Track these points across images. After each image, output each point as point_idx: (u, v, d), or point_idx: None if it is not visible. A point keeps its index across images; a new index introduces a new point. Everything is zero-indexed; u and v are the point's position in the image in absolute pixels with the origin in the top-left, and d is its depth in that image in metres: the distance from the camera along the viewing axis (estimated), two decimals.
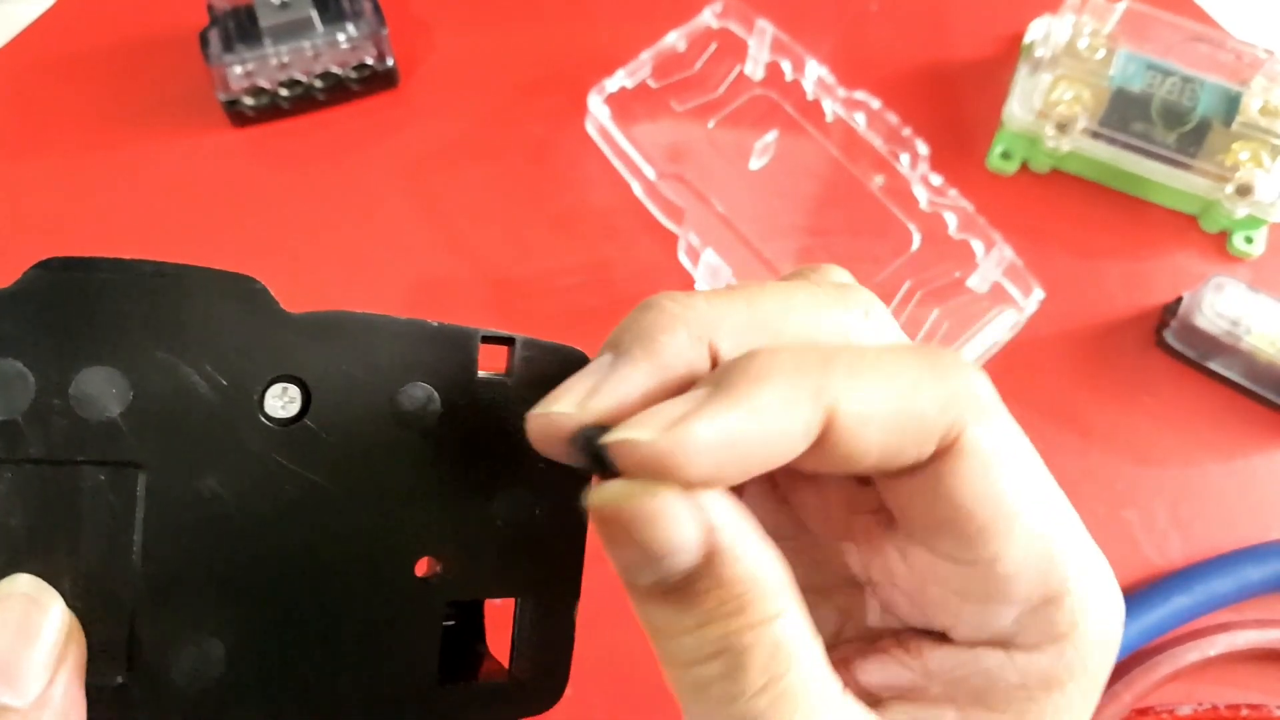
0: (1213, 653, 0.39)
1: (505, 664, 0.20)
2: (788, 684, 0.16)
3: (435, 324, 0.19)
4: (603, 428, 0.16)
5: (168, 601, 0.17)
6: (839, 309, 0.17)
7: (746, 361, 0.15)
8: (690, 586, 0.15)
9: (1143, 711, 0.39)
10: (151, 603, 0.17)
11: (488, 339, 0.19)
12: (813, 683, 0.16)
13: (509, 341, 0.19)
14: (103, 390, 0.17)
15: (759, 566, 0.16)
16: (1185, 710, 0.39)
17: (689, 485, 0.15)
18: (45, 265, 0.17)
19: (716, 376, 0.16)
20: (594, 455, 0.16)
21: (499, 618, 0.21)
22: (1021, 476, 0.17)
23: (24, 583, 0.16)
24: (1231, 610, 0.41)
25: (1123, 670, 0.39)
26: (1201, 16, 0.54)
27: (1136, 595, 0.40)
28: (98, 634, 0.17)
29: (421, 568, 0.19)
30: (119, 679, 0.17)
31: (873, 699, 0.18)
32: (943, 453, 0.16)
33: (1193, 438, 0.44)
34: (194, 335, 0.17)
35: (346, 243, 0.47)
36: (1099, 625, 0.17)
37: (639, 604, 0.16)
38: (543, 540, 0.20)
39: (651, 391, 0.16)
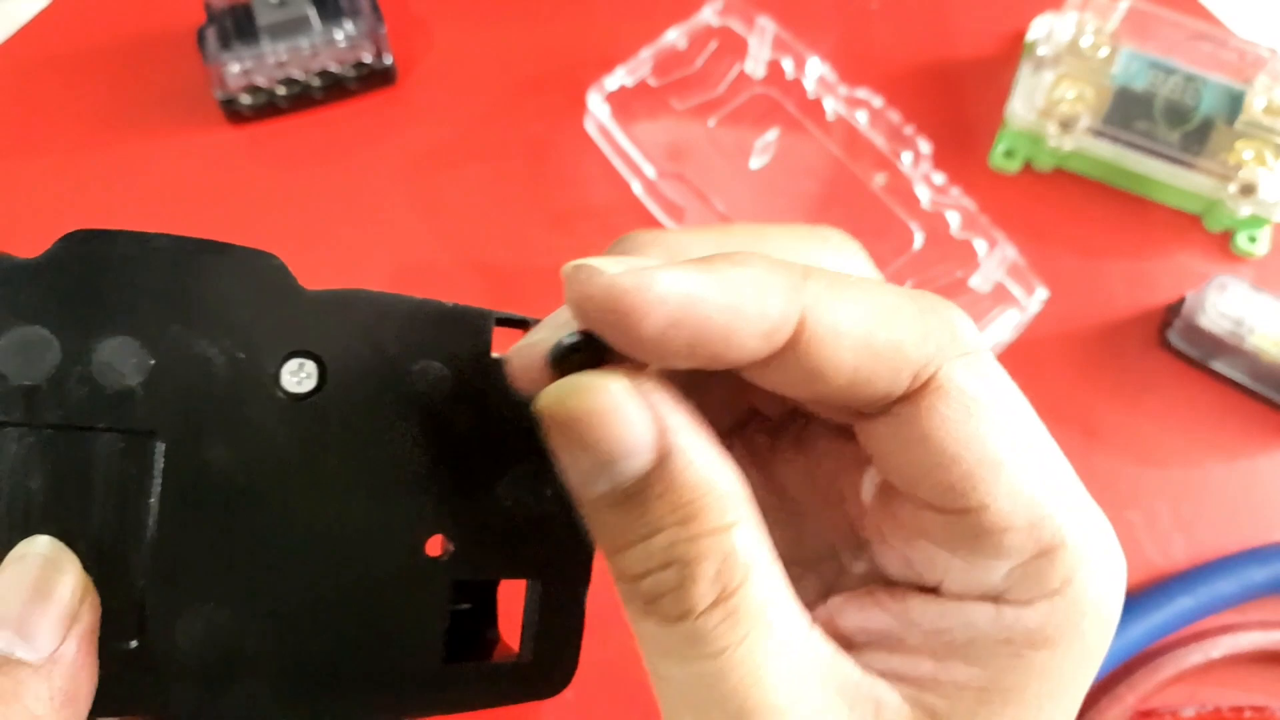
0: (1216, 654, 0.39)
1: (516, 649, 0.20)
2: (741, 600, 0.15)
3: (450, 304, 0.19)
4: (573, 339, 0.16)
5: (179, 569, 0.18)
6: (813, 244, 0.17)
7: (729, 252, 0.15)
8: (642, 492, 0.15)
9: (1146, 713, 0.39)
10: (164, 569, 0.17)
11: (502, 321, 0.19)
12: (771, 605, 0.15)
13: (523, 324, 0.20)
14: (123, 360, 0.17)
15: (713, 473, 0.15)
16: (1188, 712, 0.39)
17: (642, 346, 0.15)
18: (71, 237, 0.17)
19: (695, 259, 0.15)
20: (559, 358, 0.16)
21: (516, 607, 0.21)
22: (1008, 422, 0.16)
23: (42, 543, 0.17)
24: (1235, 612, 0.41)
25: (1126, 672, 0.39)
26: (1204, 15, 0.53)
27: (1140, 596, 0.40)
28: (111, 598, 0.17)
29: (433, 547, 0.19)
30: (131, 643, 0.17)
31: (848, 643, 0.17)
32: (920, 391, 0.16)
33: (1196, 438, 0.44)
34: (213, 309, 0.18)
35: (344, 241, 0.46)
36: (1095, 584, 0.16)
37: (590, 516, 0.16)
38: (553, 523, 0.20)
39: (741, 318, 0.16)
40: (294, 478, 0.18)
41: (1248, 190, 0.45)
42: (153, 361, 0.17)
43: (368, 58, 0.48)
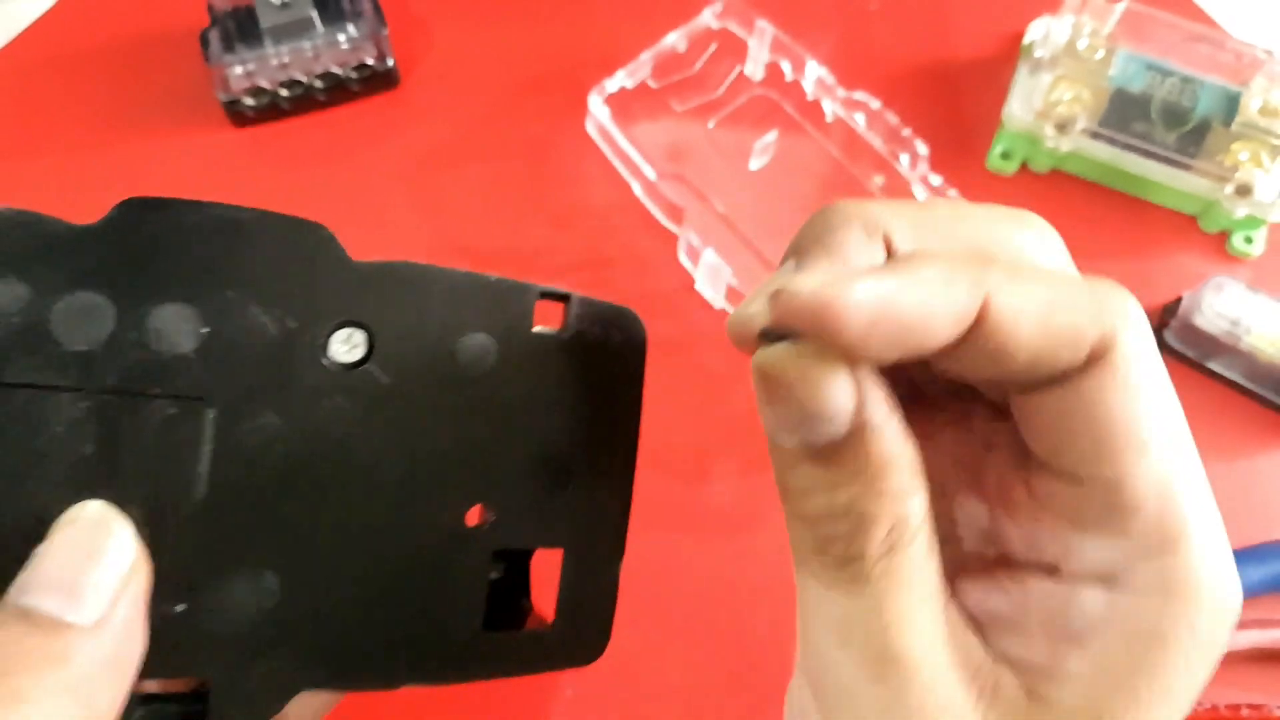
0: None
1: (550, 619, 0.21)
2: (904, 558, 0.16)
3: (494, 277, 0.20)
4: (781, 334, 0.17)
5: (228, 533, 0.18)
6: (1011, 225, 0.18)
7: (911, 254, 0.16)
8: (834, 453, 0.16)
9: None
10: (213, 533, 0.18)
11: (544, 294, 0.20)
12: (926, 570, 0.17)
13: (564, 298, 0.20)
14: (177, 326, 0.17)
15: (899, 449, 0.17)
16: None
17: (843, 345, 0.16)
18: (127, 204, 0.17)
19: (882, 265, 0.17)
20: (771, 339, 0.17)
21: (548, 579, 0.21)
22: (1158, 405, 0.17)
23: (94, 508, 0.17)
24: None
25: None
26: (1201, 17, 0.54)
27: None
28: (161, 562, 0.17)
29: (473, 516, 0.20)
30: (178, 607, 0.18)
31: (972, 623, 0.18)
32: (1093, 361, 0.17)
33: (1193, 438, 0.44)
34: (265, 277, 0.18)
35: (346, 243, 0.47)
36: (1214, 586, 0.17)
37: (779, 461, 0.17)
38: (590, 495, 0.20)
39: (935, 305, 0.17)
40: (341, 445, 0.18)
41: (1244, 191, 0.45)
42: (205, 329, 0.17)
43: (370, 60, 0.48)
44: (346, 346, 0.18)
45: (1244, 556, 0.42)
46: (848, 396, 0.16)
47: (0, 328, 0.16)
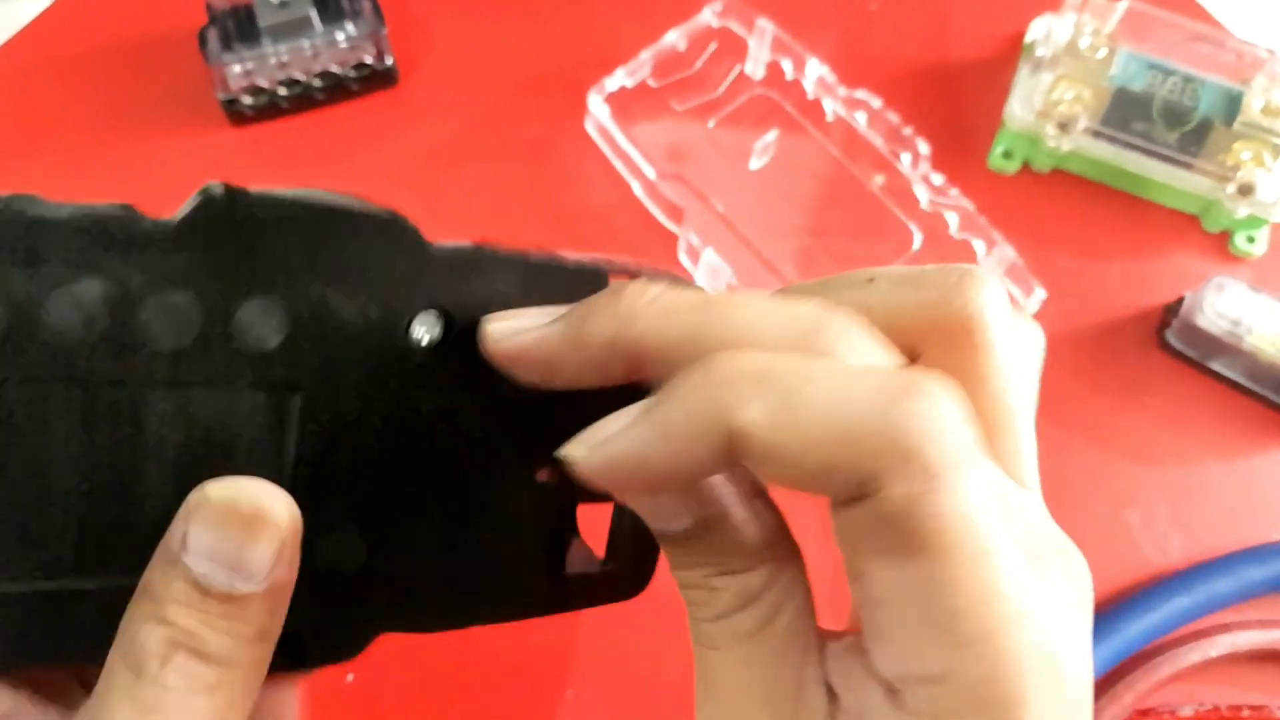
0: (1214, 653, 0.39)
1: (595, 550, 0.22)
2: (735, 622, 0.18)
3: (569, 259, 0.20)
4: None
5: (316, 504, 0.19)
6: (916, 291, 0.17)
7: (675, 381, 0.16)
8: (686, 541, 0.18)
9: (1144, 712, 0.39)
10: (303, 505, 0.18)
11: (615, 273, 0.21)
12: (756, 635, 0.18)
13: (633, 277, 0.21)
14: (263, 320, 0.18)
15: (743, 531, 0.18)
16: (1187, 711, 0.39)
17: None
18: (205, 195, 0.17)
19: (658, 393, 0.17)
20: None
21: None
22: (924, 558, 0.15)
23: (250, 483, 0.18)
24: (1233, 611, 0.41)
25: (1124, 671, 0.39)
26: (1203, 16, 0.54)
27: (1137, 596, 0.40)
28: None
29: (542, 475, 0.21)
30: None
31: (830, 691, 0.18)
32: (853, 502, 0.15)
33: (1194, 438, 0.44)
34: (347, 268, 0.18)
35: None
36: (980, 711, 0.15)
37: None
38: None
39: (561, 355, 0.18)
40: (422, 421, 0.19)
41: (1245, 191, 0.45)
42: (291, 321, 0.18)
43: (369, 59, 0.48)
44: (426, 331, 0.19)
45: (1243, 557, 0.42)
46: (676, 502, 0.18)
47: (88, 330, 0.16)
